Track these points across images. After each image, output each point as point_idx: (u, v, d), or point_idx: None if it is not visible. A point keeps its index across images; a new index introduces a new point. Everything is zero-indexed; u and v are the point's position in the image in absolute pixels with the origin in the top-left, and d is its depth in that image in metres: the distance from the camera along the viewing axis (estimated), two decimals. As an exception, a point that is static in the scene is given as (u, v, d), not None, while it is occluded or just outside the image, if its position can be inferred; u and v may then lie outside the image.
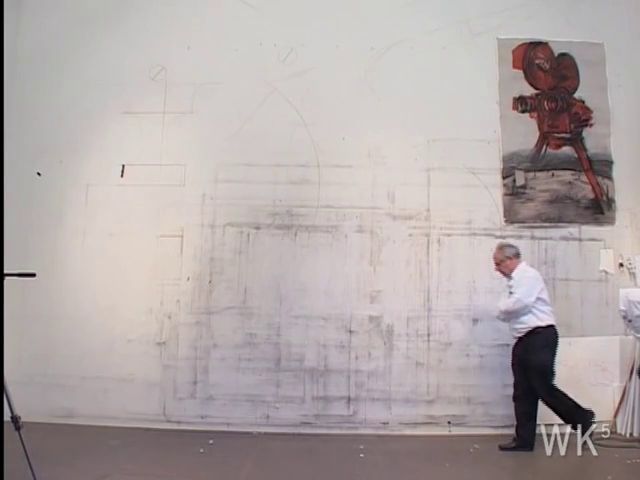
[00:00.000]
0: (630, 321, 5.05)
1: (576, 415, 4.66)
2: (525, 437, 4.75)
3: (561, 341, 4.85)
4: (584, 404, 4.71)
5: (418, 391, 5.47)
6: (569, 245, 5.70)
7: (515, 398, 4.91)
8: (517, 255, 5.05)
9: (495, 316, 5.09)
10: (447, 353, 5.53)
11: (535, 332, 4.81)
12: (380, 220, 5.70)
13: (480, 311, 5.53)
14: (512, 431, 4.89)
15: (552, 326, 4.85)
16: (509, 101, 5.89)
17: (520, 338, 4.90)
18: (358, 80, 5.86)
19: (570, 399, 4.73)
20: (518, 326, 4.89)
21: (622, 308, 5.02)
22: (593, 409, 4.72)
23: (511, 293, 4.91)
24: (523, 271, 4.98)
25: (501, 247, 5.12)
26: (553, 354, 4.81)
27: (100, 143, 5.82)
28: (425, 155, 5.78)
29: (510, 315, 4.91)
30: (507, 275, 5.02)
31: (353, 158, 5.77)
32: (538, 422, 4.79)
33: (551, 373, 4.78)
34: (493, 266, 5.11)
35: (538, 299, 4.85)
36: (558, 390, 4.76)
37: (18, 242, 5.38)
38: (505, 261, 5.02)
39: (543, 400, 4.77)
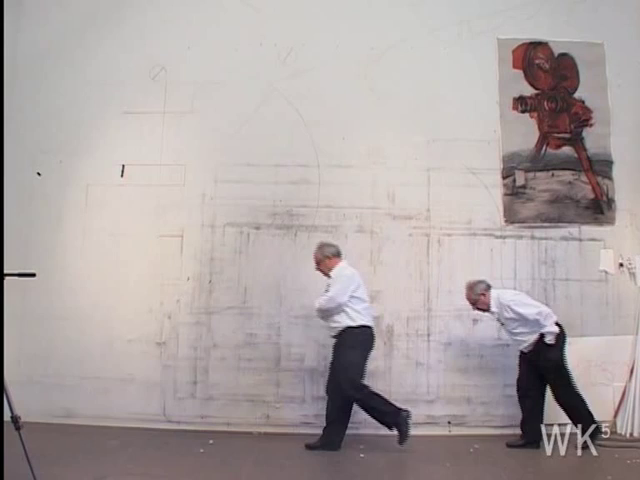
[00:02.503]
0: (502, 324, 5.05)
1: (388, 415, 4.64)
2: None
3: (561, 341, 4.85)
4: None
5: (418, 391, 5.47)
6: (569, 245, 5.70)
7: (327, 391, 4.89)
8: (337, 254, 4.96)
9: (316, 315, 5.01)
10: (447, 353, 5.54)
11: (346, 331, 4.75)
12: (380, 220, 5.70)
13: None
14: (512, 431, 4.89)
15: (365, 326, 4.79)
16: (509, 101, 5.89)
17: (335, 337, 4.85)
18: (358, 80, 5.86)
19: (382, 399, 4.70)
20: (332, 325, 4.84)
21: (494, 310, 4.97)
22: (593, 409, 4.73)
23: (327, 292, 4.84)
24: (341, 269, 4.90)
25: (321, 246, 5.02)
26: (363, 355, 4.76)
27: (100, 143, 5.82)
28: (425, 155, 5.78)
29: (325, 313, 4.84)
30: (327, 274, 4.93)
31: (353, 158, 5.77)
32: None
33: (358, 373, 4.70)
34: (314, 266, 5.00)
35: (353, 297, 4.77)
36: (367, 390, 4.70)
37: (18, 242, 5.37)
38: (324, 260, 4.94)
39: (346, 398, 4.70)
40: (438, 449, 4.90)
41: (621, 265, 5.65)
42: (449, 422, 5.42)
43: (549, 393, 4.92)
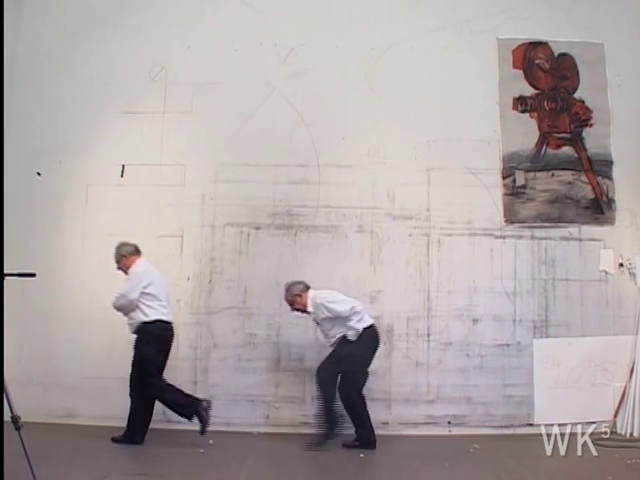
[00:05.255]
0: (318, 324, 5.06)
1: (186, 407, 4.74)
2: None
3: (561, 341, 4.86)
4: (584, 404, 4.71)
5: (418, 391, 5.47)
6: (569, 245, 5.70)
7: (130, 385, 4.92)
8: (134, 252, 4.99)
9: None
10: (447, 353, 5.53)
11: (141, 327, 4.80)
12: (380, 220, 5.70)
13: (480, 311, 5.54)
14: (513, 431, 4.89)
15: (161, 321, 4.82)
16: (509, 101, 5.89)
17: (134, 333, 4.88)
18: (358, 80, 5.86)
19: (180, 392, 4.80)
20: (129, 321, 4.88)
21: (310, 310, 4.98)
22: (593, 409, 4.73)
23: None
24: (135, 267, 4.93)
25: (118, 247, 5.02)
26: (158, 348, 4.79)
27: (100, 143, 5.82)
28: (425, 155, 5.78)
29: (120, 310, 4.88)
30: (126, 273, 4.95)
31: (353, 158, 5.77)
32: (539, 422, 4.79)
33: (154, 367, 4.76)
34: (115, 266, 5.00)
35: (145, 294, 4.80)
36: (163, 383, 4.78)
37: (18, 242, 5.37)
38: (121, 260, 4.97)
39: (144, 392, 4.78)
40: (438, 449, 4.90)
41: (621, 265, 5.65)
42: (449, 422, 5.42)
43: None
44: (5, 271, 3.21)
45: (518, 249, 5.68)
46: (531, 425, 5.31)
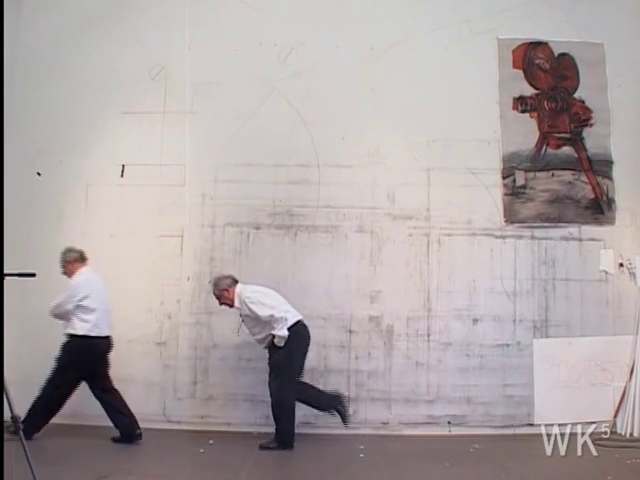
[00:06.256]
0: (243, 321, 5.07)
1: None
2: None
3: (561, 341, 4.86)
4: (584, 404, 4.72)
5: (418, 391, 5.47)
6: (569, 245, 5.70)
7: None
8: (79, 259, 5.02)
9: None
10: (447, 353, 5.53)
11: (69, 339, 4.84)
12: (380, 220, 5.70)
13: (480, 311, 5.54)
14: (513, 431, 4.89)
15: (88, 337, 4.81)
16: (509, 101, 5.89)
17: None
18: (358, 80, 5.86)
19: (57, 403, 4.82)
20: (65, 330, 4.91)
21: (237, 306, 4.99)
22: (593, 409, 4.73)
23: None
24: (77, 276, 4.96)
25: (64, 252, 5.06)
26: (76, 363, 4.80)
27: (100, 143, 5.82)
28: (425, 155, 5.78)
29: (57, 319, 4.91)
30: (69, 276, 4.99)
31: (353, 158, 5.77)
32: (539, 422, 4.79)
33: (63, 378, 4.80)
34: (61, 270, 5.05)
35: (80, 307, 4.81)
36: (54, 394, 4.80)
37: (18, 242, 5.37)
38: (67, 265, 5.02)
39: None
40: (438, 449, 4.90)
41: (621, 265, 5.65)
42: (449, 422, 5.42)
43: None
44: (5, 271, 3.21)
45: (518, 249, 5.68)
46: (531, 425, 5.32)
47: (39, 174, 5.78)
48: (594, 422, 4.97)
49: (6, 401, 3.19)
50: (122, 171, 5.78)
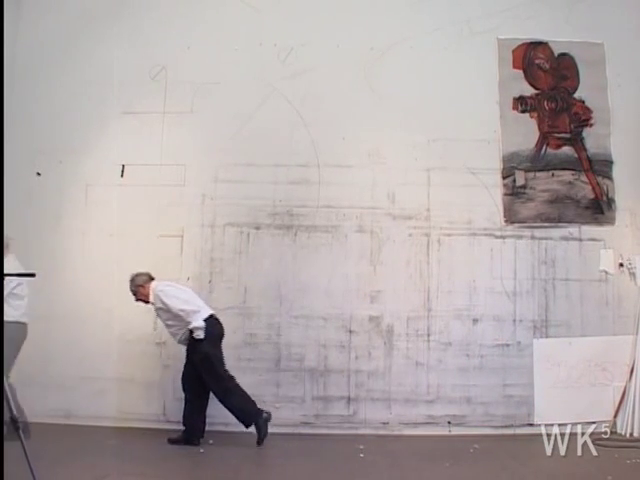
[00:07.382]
0: (158, 315, 5.09)
1: None
2: None
3: (561, 341, 4.86)
4: (584, 404, 4.72)
5: (418, 391, 5.47)
6: (569, 245, 5.70)
7: None
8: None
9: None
10: (447, 353, 5.53)
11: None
12: (380, 220, 5.70)
13: (480, 311, 5.54)
14: (513, 431, 4.89)
15: (18, 322, 4.74)
16: (509, 101, 5.89)
17: None
18: (358, 80, 5.86)
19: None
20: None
21: (152, 301, 5.01)
22: (593, 409, 4.73)
23: None
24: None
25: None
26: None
27: (100, 143, 5.82)
28: (425, 155, 5.78)
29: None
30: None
31: (353, 158, 5.77)
32: (539, 422, 4.79)
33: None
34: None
35: (12, 294, 4.70)
36: None
37: (18, 242, 5.36)
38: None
39: None
40: (438, 449, 4.90)
41: (621, 265, 5.65)
42: (449, 422, 5.41)
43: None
44: (5, 271, 3.21)
45: (518, 249, 5.68)
46: (531, 425, 5.32)
47: (39, 174, 5.78)
48: (594, 422, 4.97)
49: (6, 401, 3.19)
50: (122, 171, 5.77)
